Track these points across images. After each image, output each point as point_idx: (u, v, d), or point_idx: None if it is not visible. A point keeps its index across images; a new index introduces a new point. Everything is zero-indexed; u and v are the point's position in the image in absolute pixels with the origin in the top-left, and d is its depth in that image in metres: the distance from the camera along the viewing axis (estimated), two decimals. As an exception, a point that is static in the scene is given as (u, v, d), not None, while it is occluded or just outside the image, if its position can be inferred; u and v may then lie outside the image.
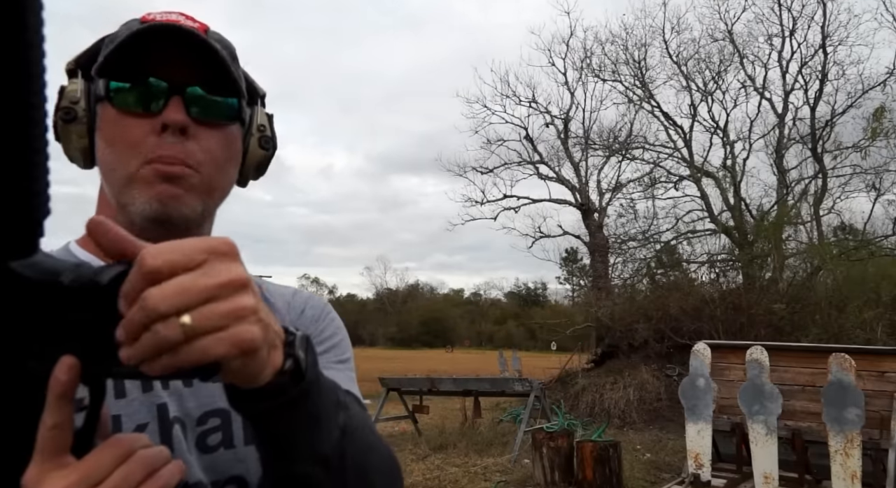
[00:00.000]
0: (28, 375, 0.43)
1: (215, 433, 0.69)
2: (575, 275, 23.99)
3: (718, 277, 13.81)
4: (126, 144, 0.68)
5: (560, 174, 17.57)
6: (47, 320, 0.42)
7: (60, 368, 0.42)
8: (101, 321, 0.41)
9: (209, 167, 0.71)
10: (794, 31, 15.51)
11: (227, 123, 0.73)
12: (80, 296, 0.42)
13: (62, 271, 0.42)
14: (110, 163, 0.69)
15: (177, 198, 0.68)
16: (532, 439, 6.23)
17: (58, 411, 0.42)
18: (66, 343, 0.42)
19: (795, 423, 4.97)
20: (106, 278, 0.42)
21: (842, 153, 15.20)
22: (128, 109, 0.68)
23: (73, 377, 0.42)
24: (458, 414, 9.57)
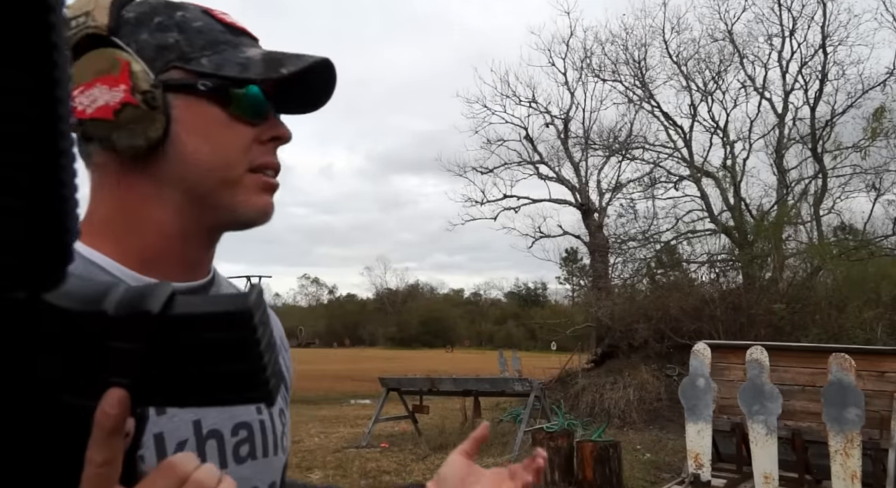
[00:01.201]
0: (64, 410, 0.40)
1: (244, 444, 0.71)
2: (575, 275, 23.99)
3: (718, 277, 13.82)
4: (234, 149, 0.69)
5: (560, 174, 17.57)
6: (88, 352, 0.39)
7: (109, 402, 0.39)
8: (149, 350, 0.39)
9: None
10: (794, 31, 15.52)
11: None
12: (127, 326, 0.39)
13: (104, 298, 0.39)
14: (203, 161, 0.68)
15: (273, 208, 0.73)
16: (532, 439, 6.23)
17: (108, 447, 0.40)
18: (111, 374, 0.40)
19: (795, 423, 4.97)
20: (157, 307, 0.39)
21: (842, 153, 15.20)
22: (241, 116, 0.69)
23: (124, 410, 0.40)
24: (458, 414, 9.58)
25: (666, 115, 16.87)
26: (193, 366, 0.40)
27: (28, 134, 0.34)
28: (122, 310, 0.39)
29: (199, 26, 0.68)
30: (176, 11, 0.68)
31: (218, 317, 0.40)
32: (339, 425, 10.42)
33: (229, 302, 0.41)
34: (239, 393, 0.41)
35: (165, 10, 0.68)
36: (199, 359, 0.40)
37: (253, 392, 0.42)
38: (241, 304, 0.40)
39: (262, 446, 0.73)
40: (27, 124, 0.34)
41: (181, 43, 0.67)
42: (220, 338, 0.40)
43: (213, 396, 0.41)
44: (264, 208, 0.71)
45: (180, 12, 0.68)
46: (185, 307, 0.40)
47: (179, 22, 0.68)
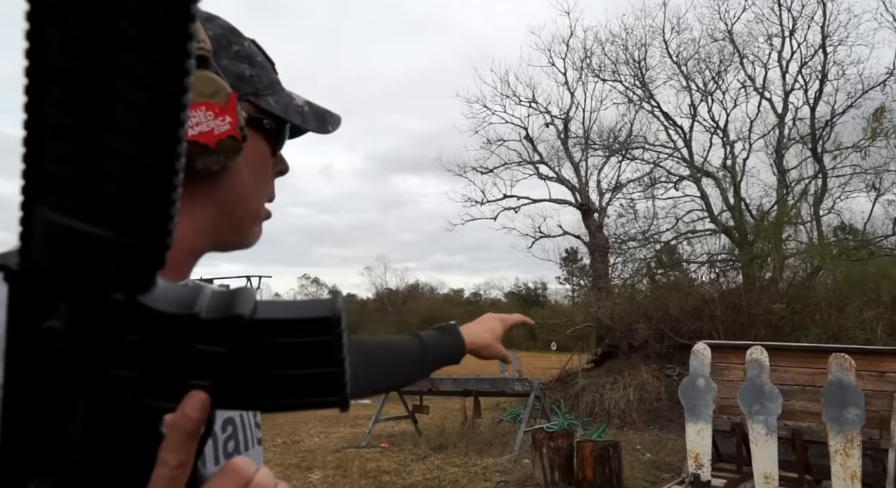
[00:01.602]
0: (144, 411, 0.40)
1: (231, 440, 0.74)
2: (575, 275, 23.99)
3: (718, 277, 13.81)
4: (265, 181, 0.74)
5: (560, 174, 17.56)
6: (174, 354, 0.40)
7: (191, 405, 0.39)
8: (234, 353, 0.40)
9: None
10: (794, 31, 15.51)
11: None
12: (217, 329, 0.40)
13: (195, 302, 0.40)
14: (251, 193, 0.72)
15: None
16: (532, 439, 6.23)
17: (184, 449, 0.40)
18: (194, 377, 0.40)
19: (795, 423, 4.97)
20: (248, 311, 0.40)
21: (842, 153, 15.20)
22: (276, 150, 0.74)
23: (205, 414, 0.40)
24: (458, 414, 9.58)
25: (666, 115, 16.88)
26: (276, 368, 0.41)
27: (154, 135, 0.34)
28: (213, 314, 0.40)
29: (261, 61, 0.71)
30: (242, 40, 0.69)
31: (306, 322, 0.42)
32: (339, 425, 10.42)
33: (318, 307, 0.42)
34: (318, 397, 0.43)
35: (234, 38, 0.68)
36: (283, 362, 0.41)
37: (332, 395, 0.43)
38: (331, 310, 0.42)
39: (244, 440, 0.76)
40: (154, 126, 0.34)
41: (255, 78, 0.69)
42: (307, 343, 0.42)
43: (293, 399, 0.42)
44: (259, 236, 0.77)
45: (245, 41, 0.70)
46: (272, 311, 0.41)
47: (250, 53, 0.70)
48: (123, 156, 0.34)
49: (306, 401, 0.43)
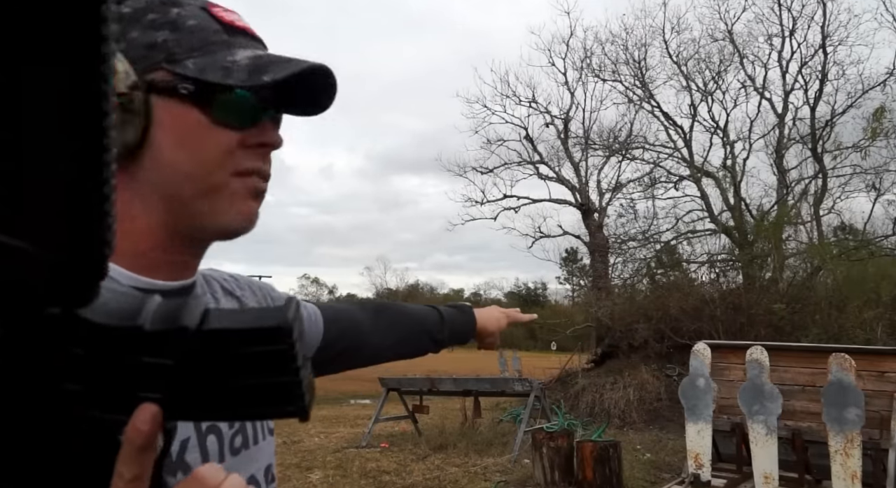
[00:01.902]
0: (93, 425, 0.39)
1: (238, 436, 0.73)
2: (575, 275, 24.02)
3: (718, 277, 13.81)
4: (215, 154, 0.65)
5: (560, 174, 17.56)
6: (121, 366, 0.39)
7: (142, 418, 0.39)
8: (183, 365, 0.39)
9: None
10: (794, 31, 15.51)
11: None
12: (163, 341, 0.39)
13: (139, 313, 0.39)
14: (187, 170, 0.65)
15: (258, 216, 0.70)
16: (532, 439, 6.23)
17: (138, 462, 0.40)
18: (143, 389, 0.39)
19: (795, 423, 4.97)
20: (193, 323, 0.39)
21: (842, 153, 15.19)
22: (225, 121, 0.65)
23: (156, 426, 0.39)
24: (458, 414, 9.57)
25: (666, 115, 16.88)
26: (228, 380, 0.40)
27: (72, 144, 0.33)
28: (158, 325, 0.39)
29: (193, 25, 0.65)
30: (172, 8, 0.65)
31: (256, 332, 0.40)
32: (339, 425, 10.42)
33: (268, 316, 0.41)
34: (274, 407, 0.41)
35: (161, 7, 0.65)
36: (235, 373, 0.40)
37: (289, 405, 0.41)
38: (281, 320, 0.40)
39: (252, 434, 0.75)
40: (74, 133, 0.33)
41: (170, 42, 0.64)
42: (258, 353, 0.40)
43: (247, 410, 0.41)
44: (248, 216, 0.68)
45: (177, 9, 0.65)
46: (221, 321, 0.40)
47: (173, 19, 0.65)
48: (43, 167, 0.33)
49: (262, 411, 0.42)
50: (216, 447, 0.69)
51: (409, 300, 50.16)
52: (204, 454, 0.67)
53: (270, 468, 0.78)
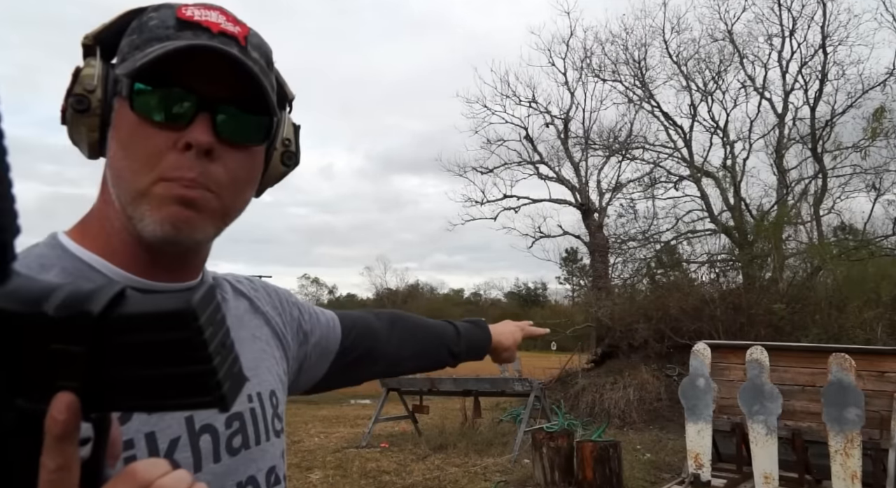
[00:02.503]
0: (20, 414, 0.38)
1: (237, 436, 0.71)
2: (575, 275, 23.99)
3: (718, 277, 13.81)
4: (142, 156, 0.62)
5: (560, 174, 17.57)
6: (34, 354, 0.37)
7: (57, 407, 0.38)
8: (95, 352, 0.37)
9: (229, 191, 0.66)
10: (794, 31, 15.51)
11: (255, 145, 0.69)
12: (69, 327, 0.37)
13: (45, 298, 0.38)
14: (121, 170, 0.63)
15: (190, 223, 0.63)
16: (532, 439, 6.23)
17: (59, 452, 0.39)
18: (59, 378, 0.38)
19: (795, 423, 4.97)
20: (98, 308, 0.37)
21: (842, 153, 15.19)
22: (149, 118, 0.62)
23: (73, 415, 0.38)
24: (458, 414, 9.57)
25: (666, 115, 16.88)
26: (141, 368, 0.38)
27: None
28: (62, 311, 0.37)
29: (153, 26, 0.64)
30: (152, 13, 0.65)
31: (161, 317, 0.38)
32: (339, 425, 10.43)
33: (173, 300, 0.38)
34: (189, 397, 0.39)
35: (147, 14, 0.66)
36: (147, 362, 0.38)
37: (204, 396, 0.39)
38: (183, 303, 0.38)
39: (254, 435, 0.73)
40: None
41: (128, 45, 0.64)
42: (165, 340, 0.38)
43: (163, 401, 0.39)
44: (170, 219, 0.62)
45: (154, 13, 0.65)
46: (130, 307, 0.38)
47: (143, 24, 0.65)
48: None
49: (178, 402, 0.40)
50: (210, 446, 0.68)
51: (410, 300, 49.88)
52: (196, 453, 0.66)
53: (275, 470, 0.76)
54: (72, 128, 0.66)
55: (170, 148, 0.62)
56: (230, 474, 0.70)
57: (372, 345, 1.03)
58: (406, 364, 1.10)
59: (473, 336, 1.18)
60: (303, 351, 0.91)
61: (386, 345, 1.05)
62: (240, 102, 0.65)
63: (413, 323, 1.12)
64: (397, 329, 1.07)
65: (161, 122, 0.62)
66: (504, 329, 1.24)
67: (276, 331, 0.84)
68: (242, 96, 0.65)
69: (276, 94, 0.72)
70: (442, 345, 1.13)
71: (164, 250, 0.66)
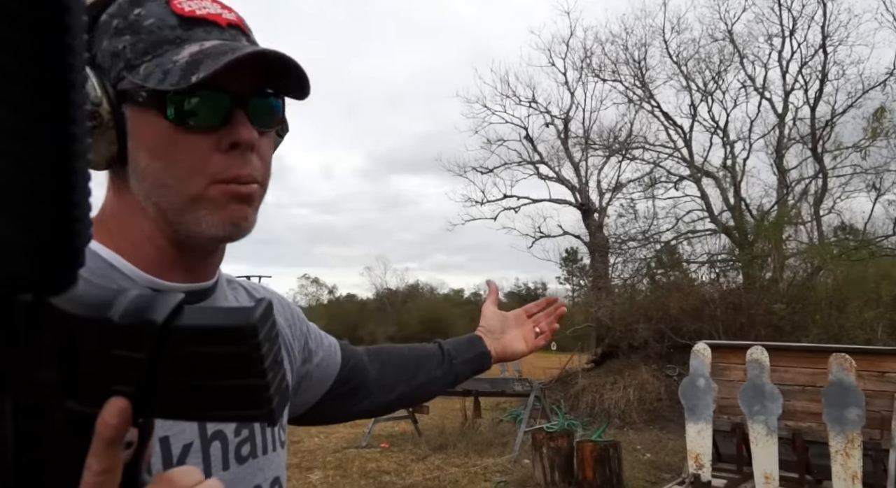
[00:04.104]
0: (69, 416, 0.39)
1: (245, 444, 0.71)
2: (575, 275, 23.96)
3: (718, 277, 13.81)
4: (186, 161, 0.62)
5: (560, 174, 17.56)
6: (93, 359, 0.39)
7: (110, 412, 0.39)
8: (153, 360, 0.39)
9: (266, 178, 0.68)
10: (794, 31, 15.50)
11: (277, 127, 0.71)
12: (132, 334, 0.39)
13: (110, 305, 0.39)
14: (163, 179, 0.63)
15: (247, 218, 0.66)
16: (532, 439, 6.23)
17: (107, 456, 0.39)
18: (115, 383, 0.39)
19: (796, 423, 4.97)
20: (161, 317, 0.39)
21: (842, 153, 15.19)
22: (185, 124, 0.62)
23: (124, 421, 0.39)
24: (458, 414, 9.57)
25: (666, 115, 16.88)
26: (196, 379, 0.40)
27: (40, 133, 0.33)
28: (127, 319, 0.39)
29: (150, 25, 0.62)
30: (134, 9, 0.63)
31: (222, 331, 0.40)
32: (339, 425, 10.41)
33: (235, 316, 0.40)
34: (239, 410, 0.41)
35: (127, 10, 0.63)
36: (202, 373, 0.40)
37: (254, 409, 0.41)
38: (246, 319, 0.39)
39: (261, 444, 0.73)
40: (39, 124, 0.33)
41: (128, 49, 0.62)
42: (224, 353, 0.40)
43: (211, 412, 0.41)
44: (230, 220, 0.64)
45: (138, 9, 0.63)
46: (191, 318, 0.40)
47: (133, 22, 0.62)
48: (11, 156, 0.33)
49: (227, 414, 0.41)
50: (220, 454, 0.68)
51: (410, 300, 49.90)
52: (206, 460, 0.66)
53: (279, 480, 0.76)
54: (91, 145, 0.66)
55: (213, 149, 0.63)
56: (237, 482, 0.70)
57: (365, 378, 1.01)
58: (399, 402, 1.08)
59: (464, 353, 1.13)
60: (305, 369, 0.90)
61: (377, 382, 1.03)
62: (261, 90, 0.66)
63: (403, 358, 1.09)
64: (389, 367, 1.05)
65: (199, 127, 0.62)
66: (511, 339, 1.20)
67: (285, 341, 0.84)
68: (266, 84, 0.66)
69: None
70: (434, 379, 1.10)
71: (202, 251, 0.68)
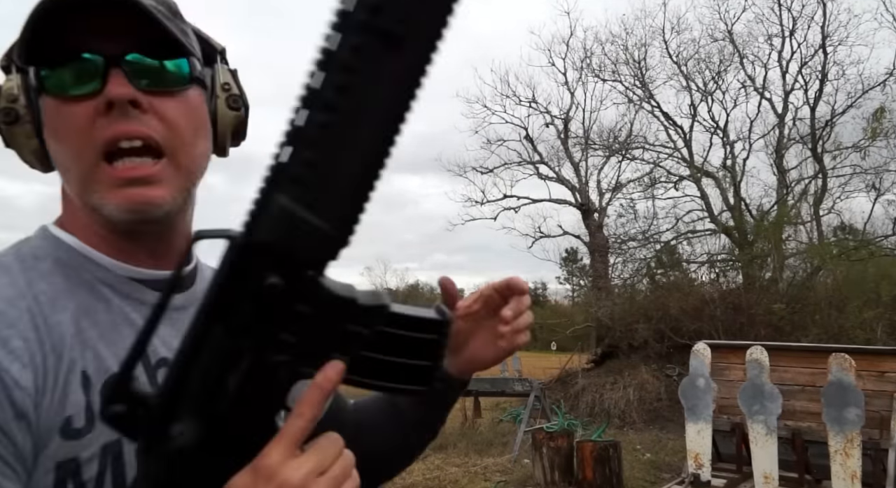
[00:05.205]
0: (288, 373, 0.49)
1: None
2: (575, 275, 23.96)
3: (718, 277, 13.81)
4: (73, 134, 0.60)
5: (560, 174, 17.55)
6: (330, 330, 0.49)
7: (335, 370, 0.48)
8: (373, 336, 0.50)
9: (180, 145, 0.63)
10: (794, 31, 15.49)
11: (181, 88, 0.64)
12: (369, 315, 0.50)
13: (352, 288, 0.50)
14: (64, 161, 0.62)
15: (148, 201, 0.61)
16: (532, 439, 6.23)
17: (319, 406, 0.48)
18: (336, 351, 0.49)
19: (795, 423, 4.97)
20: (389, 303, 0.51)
21: (842, 153, 15.18)
22: (65, 95, 0.60)
23: (339, 381, 0.48)
24: (458, 414, 9.57)
25: (666, 115, 16.86)
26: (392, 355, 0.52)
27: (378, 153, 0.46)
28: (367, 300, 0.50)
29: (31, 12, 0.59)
30: None
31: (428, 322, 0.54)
32: (339, 425, 10.42)
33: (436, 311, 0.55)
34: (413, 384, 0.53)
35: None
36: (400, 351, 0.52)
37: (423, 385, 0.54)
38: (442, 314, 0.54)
39: None
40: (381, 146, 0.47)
41: (19, 40, 0.60)
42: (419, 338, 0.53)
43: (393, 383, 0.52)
44: (130, 202, 0.60)
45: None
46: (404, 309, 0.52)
47: (28, 14, 0.59)
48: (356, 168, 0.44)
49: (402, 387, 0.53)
50: None
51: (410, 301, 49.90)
52: None
53: None
54: (12, 144, 0.65)
55: (95, 116, 0.59)
56: None
57: None
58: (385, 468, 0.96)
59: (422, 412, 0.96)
60: None
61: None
62: (148, 50, 0.61)
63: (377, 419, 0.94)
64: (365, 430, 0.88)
65: (80, 96, 0.59)
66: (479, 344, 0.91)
67: None
68: (149, 40, 0.61)
69: (202, 47, 0.70)
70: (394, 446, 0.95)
71: (134, 235, 0.65)
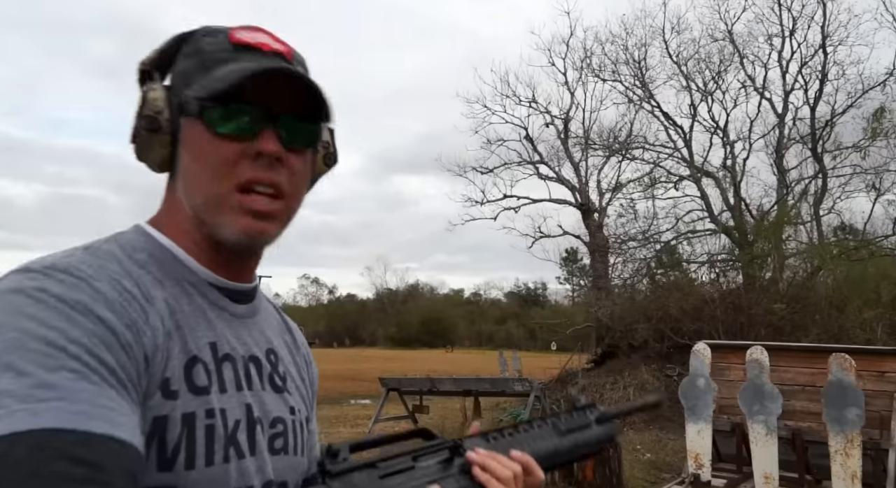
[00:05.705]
0: None
1: (279, 438, 0.75)
2: (575, 275, 23.98)
3: (718, 277, 13.81)
4: (216, 164, 0.70)
5: (560, 174, 17.55)
6: None
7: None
8: None
9: (292, 194, 0.74)
10: (794, 31, 15.49)
11: (310, 148, 0.77)
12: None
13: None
14: (197, 180, 0.71)
15: (264, 233, 0.72)
16: (532, 439, 6.23)
17: None
18: None
19: (795, 423, 4.97)
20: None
21: (842, 153, 15.17)
22: (221, 132, 0.70)
23: None
24: (458, 414, 9.57)
25: (666, 115, 16.86)
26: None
27: None
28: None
29: (209, 50, 0.72)
30: (205, 37, 0.73)
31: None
32: (339, 425, 10.42)
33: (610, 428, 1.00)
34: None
35: (199, 39, 0.73)
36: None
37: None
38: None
39: (292, 443, 0.77)
40: None
41: (190, 68, 0.72)
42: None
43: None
44: (247, 230, 0.70)
45: (208, 37, 0.73)
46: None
47: (199, 47, 0.72)
48: None
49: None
50: (262, 437, 0.72)
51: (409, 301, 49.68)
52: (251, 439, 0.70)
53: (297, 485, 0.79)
54: (144, 146, 0.74)
55: (242, 157, 0.70)
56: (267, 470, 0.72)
57: None
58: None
59: None
60: None
61: None
62: (296, 112, 0.73)
63: None
64: None
65: (232, 135, 0.70)
66: None
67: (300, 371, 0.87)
68: (299, 107, 0.73)
69: None
70: None
71: (233, 253, 0.74)
